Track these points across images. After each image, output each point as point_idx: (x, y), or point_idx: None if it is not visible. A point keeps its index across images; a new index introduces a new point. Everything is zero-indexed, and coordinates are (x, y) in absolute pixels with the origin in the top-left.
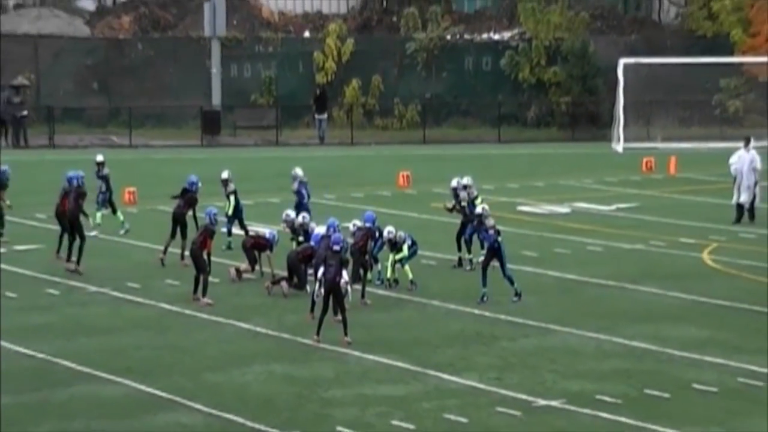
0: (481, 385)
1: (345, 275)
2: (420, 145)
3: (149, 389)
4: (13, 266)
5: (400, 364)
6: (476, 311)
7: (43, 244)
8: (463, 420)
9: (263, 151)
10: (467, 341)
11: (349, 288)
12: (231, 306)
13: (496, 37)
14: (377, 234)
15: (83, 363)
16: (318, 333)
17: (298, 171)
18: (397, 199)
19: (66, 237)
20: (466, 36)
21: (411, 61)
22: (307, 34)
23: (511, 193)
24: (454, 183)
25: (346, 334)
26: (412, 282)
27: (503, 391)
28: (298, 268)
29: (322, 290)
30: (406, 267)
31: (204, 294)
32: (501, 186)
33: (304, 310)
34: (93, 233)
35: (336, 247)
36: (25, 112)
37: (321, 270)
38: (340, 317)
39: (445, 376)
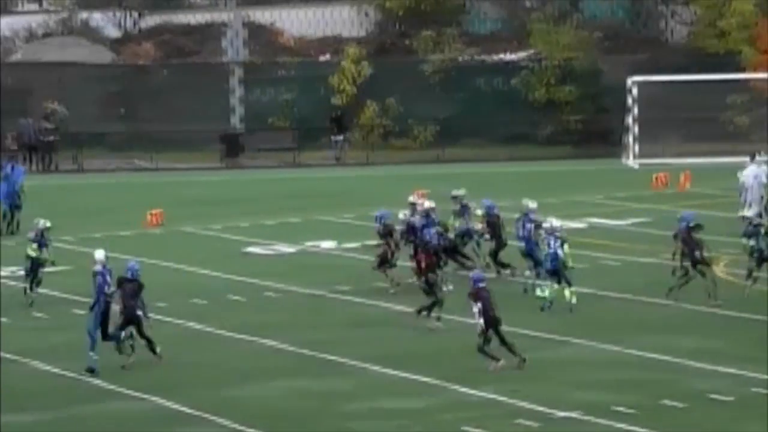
0: (499, 397)
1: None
2: (435, 164)
3: (174, 405)
4: (41, 287)
5: (418, 377)
6: None
7: (71, 266)
8: (481, 431)
9: (282, 172)
10: None
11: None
12: (254, 323)
13: (509, 57)
14: None
15: (111, 380)
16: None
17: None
18: None
19: None
20: (480, 57)
21: (426, 82)
22: (324, 57)
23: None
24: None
25: (515, 354)
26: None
27: (521, 403)
28: None
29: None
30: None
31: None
32: (515, 203)
33: (325, 326)
34: None
35: (481, 284)
36: (54, 138)
37: (479, 305)
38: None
39: (463, 389)
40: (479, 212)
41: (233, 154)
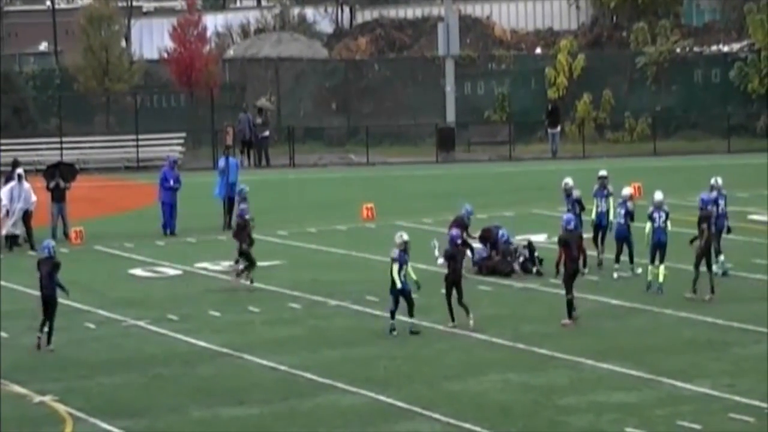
0: (714, 392)
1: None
2: (650, 157)
3: (389, 399)
4: (256, 282)
5: (633, 371)
6: (708, 319)
7: (285, 260)
8: (697, 426)
9: (497, 166)
10: (699, 348)
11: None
12: (464, 317)
13: (725, 49)
14: None
15: (326, 374)
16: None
17: (569, 181)
18: None
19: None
20: (695, 49)
21: (641, 75)
22: (538, 50)
23: (742, 202)
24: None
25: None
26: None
27: (736, 398)
28: None
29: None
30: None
31: None
32: (731, 195)
33: (538, 320)
34: None
35: (458, 241)
36: (266, 133)
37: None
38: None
39: (678, 383)
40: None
41: (447, 148)
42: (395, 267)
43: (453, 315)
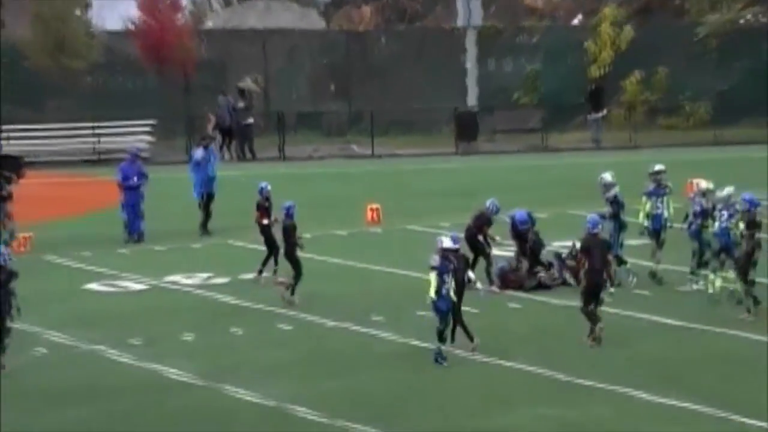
0: None
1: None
2: (711, 147)
3: None
4: (238, 298)
5: (693, 405)
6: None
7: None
8: None
9: (528, 158)
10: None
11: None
12: (492, 341)
13: None
14: None
15: (322, 409)
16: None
17: (607, 176)
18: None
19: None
20: (765, 18)
21: (701, 49)
22: (577, 20)
23: None
24: None
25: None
26: None
27: None
28: None
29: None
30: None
31: None
32: None
33: (580, 345)
34: None
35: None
36: (250, 120)
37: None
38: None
39: (749, 420)
40: None
41: (468, 137)
42: (433, 276)
43: (471, 335)
